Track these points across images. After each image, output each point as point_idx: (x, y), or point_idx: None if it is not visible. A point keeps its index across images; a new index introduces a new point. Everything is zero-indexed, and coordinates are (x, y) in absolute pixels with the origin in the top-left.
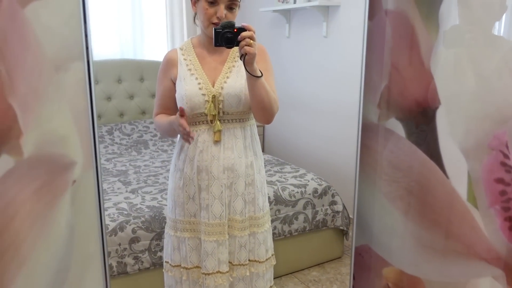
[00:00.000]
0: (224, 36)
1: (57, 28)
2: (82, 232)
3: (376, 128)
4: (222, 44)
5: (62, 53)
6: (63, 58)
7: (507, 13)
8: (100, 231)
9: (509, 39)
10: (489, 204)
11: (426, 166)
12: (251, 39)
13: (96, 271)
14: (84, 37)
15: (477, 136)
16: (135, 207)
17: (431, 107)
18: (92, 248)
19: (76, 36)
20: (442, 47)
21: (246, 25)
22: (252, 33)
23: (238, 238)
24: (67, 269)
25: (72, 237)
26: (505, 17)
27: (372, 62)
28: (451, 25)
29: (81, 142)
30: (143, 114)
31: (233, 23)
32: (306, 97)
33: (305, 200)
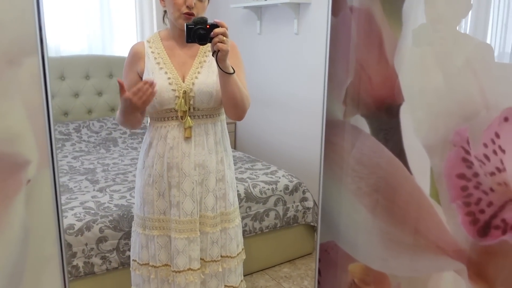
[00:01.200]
0: (197, 32)
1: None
2: (37, 234)
3: (341, 125)
4: (195, 41)
5: (15, 47)
6: (15, 52)
7: (472, 10)
8: (57, 232)
9: (475, 36)
10: (451, 200)
11: (391, 162)
12: (224, 36)
13: (53, 274)
14: (38, 31)
15: (440, 133)
16: (102, 206)
17: (395, 104)
18: (49, 250)
19: (29, 30)
20: (408, 44)
21: (219, 21)
22: (225, 30)
23: (210, 235)
24: (22, 272)
25: (27, 239)
26: (471, 14)
27: (337, 59)
28: (419, 24)
29: (36, 140)
30: (112, 111)
31: (205, 19)
32: (278, 94)
33: (276, 197)
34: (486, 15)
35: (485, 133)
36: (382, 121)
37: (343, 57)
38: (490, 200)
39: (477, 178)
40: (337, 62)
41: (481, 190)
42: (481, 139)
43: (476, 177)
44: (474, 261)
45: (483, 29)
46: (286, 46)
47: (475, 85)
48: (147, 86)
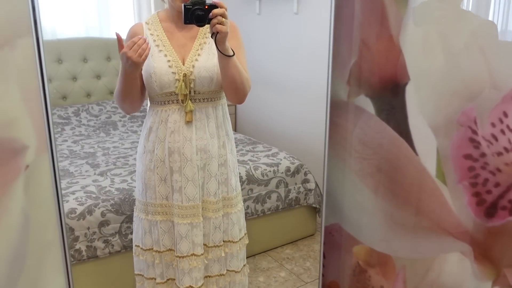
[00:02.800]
0: (195, 13)
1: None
2: (38, 220)
3: (345, 106)
4: (192, 22)
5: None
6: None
7: None
8: (58, 217)
9: (478, 13)
10: (457, 181)
11: (396, 143)
12: (223, 17)
13: (55, 259)
14: (32, 11)
15: (446, 113)
16: (104, 189)
17: (401, 83)
18: (50, 235)
19: (23, 10)
20: (413, 24)
21: (217, 1)
22: (224, 11)
23: (212, 220)
24: (23, 258)
25: (27, 225)
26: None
27: (341, 38)
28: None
29: (34, 124)
30: (111, 94)
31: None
32: (278, 75)
33: (277, 179)
34: None
35: (493, 112)
36: (387, 101)
37: (347, 36)
38: (497, 180)
39: (484, 158)
40: (341, 41)
41: (488, 170)
42: (488, 119)
43: (483, 157)
44: (480, 242)
45: (485, 7)
46: (286, 26)
47: (480, 63)
48: (142, 40)
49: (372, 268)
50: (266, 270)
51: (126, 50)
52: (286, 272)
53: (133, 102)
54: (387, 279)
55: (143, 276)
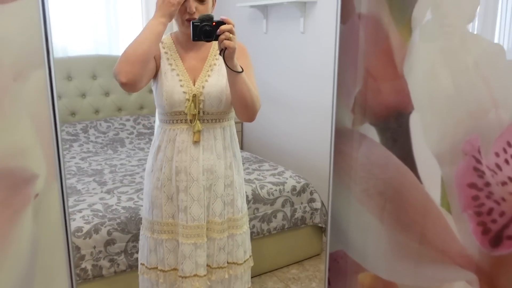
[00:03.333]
0: (203, 29)
1: (15, 36)
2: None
3: (350, 134)
4: (201, 38)
5: (21, 61)
6: (22, 66)
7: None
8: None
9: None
10: (462, 209)
11: (400, 171)
12: (231, 33)
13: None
14: (45, 43)
15: (450, 141)
16: (110, 208)
17: (405, 112)
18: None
19: (36, 43)
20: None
21: (225, 18)
22: (232, 27)
23: (217, 241)
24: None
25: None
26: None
27: (346, 66)
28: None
29: (44, 153)
30: (119, 111)
31: (211, 16)
32: (284, 94)
33: (283, 198)
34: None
35: (497, 142)
36: (392, 129)
37: (352, 64)
38: (502, 210)
39: (488, 187)
40: (346, 69)
41: (493, 199)
42: (493, 148)
43: (487, 186)
44: (486, 271)
45: (491, 24)
46: (292, 45)
47: (485, 89)
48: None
49: None
50: None
51: None
52: None
53: (143, 58)
54: None
55: None
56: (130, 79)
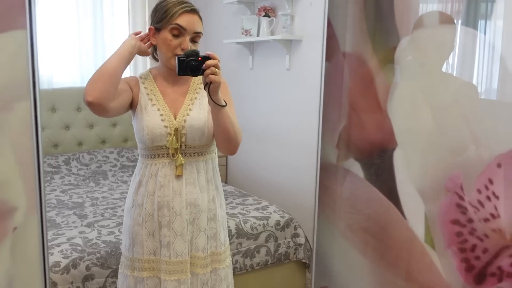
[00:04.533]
0: (189, 64)
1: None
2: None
3: (335, 169)
4: (187, 73)
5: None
6: (6, 98)
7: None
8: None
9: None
10: (446, 246)
11: (384, 206)
12: (216, 68)
13: None
14: (32, 76)
15: (433, 178)
16: (90, 242)
17: (388, 148)
18: None
19: (22, 75)
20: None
21: (210, 53)
22: (217, 62)
23: (200, 276)
24: None
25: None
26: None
27: (331, 103)
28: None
29: (25, 186)
30: (103, 143)
31: (197, 51)
32: (270, 129)
33: (267, 233)
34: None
35: (479, 179)
36: (375, 165)
37: (336, 101)
38: (485, 246)
39: (471, 224)
40: (330, 106)
41: (476, 236)
42: (475, 185)
43: (470, 223)
44: None
45: (470, 65)
46: (278, 82)
47: (464, 127)
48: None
49: None
50: None
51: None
52: None
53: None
54: None
55: None
56: (96, 97)
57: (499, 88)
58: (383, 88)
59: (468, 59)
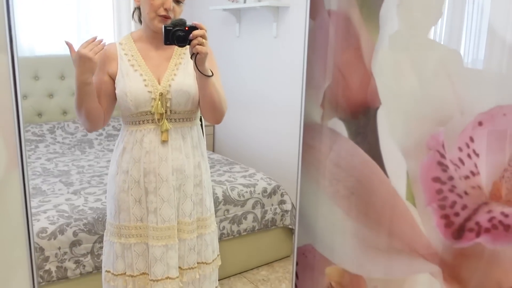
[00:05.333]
0: (175, 34)
1: None
2: (6, 237)
3: (319, 128)
4: (173, 43)
5: None
6: None
7: (446, 18)
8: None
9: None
10: (426, 203)
11: (368, 165)
12: (203, 38)
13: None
14: (8, 29)
15: (416, 137)
16: (77, 209)
17: (372, 107)
18: (18, 254)
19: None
20: (384, 49)
21: (197, 23)
22: (204, 32)
23: (187, 241)
24: None
25: None
26: (445, 21)
27: (315, 62)
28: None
29: (5, 140)
30: None
31: (184, 21)
32: (257, 96)
33: (254, 200)
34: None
35: (460, 137)
36: (360, 124)
37: (321, 60)
38: (464, 203)
39: (452, 181)
40: (315, 65)
41: (456, 193)
42: (456, 143)
43: (451, 180)
44: (449, 263)
45: (457, 35)
46: (265, 49)
47: (448, 89)
48: (94, 39)
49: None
50: None
51: (80, 48)
52: None
53: (90, 115)
54: None
55: None
56: (91, 130)
57: (485, 58)
58: (368, 47)
59: (456, 28)
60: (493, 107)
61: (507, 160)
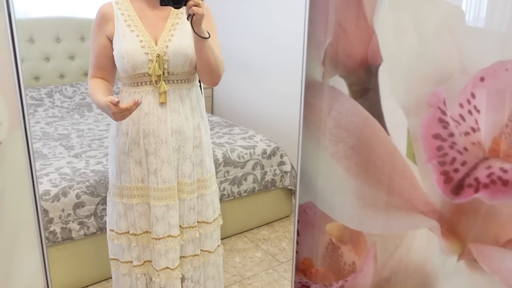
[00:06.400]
0: None
1: None
2: (12, 197)
3: (320, 86)
4: (169, 4)
5: None
6: None
7: None
8: (33, 196)
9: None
10: (426, 160)
11: (369, 124)
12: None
13: (30, 238)
14: None
15: (417, 94)
16: (78, 171)
17: (374, 65)
18: (25, 214)
19: None
20: (386, 7)
21: None
22: None
23: (187, 201)
24: None
25: (1, 202)
26: None
27: (316, 19)
28: None
29: (6, 101)
30: (86, 76)
31: None
32: (254, 58)
33: (254, 161)
34: None
35: (461, 93)
36: (361, 82)
37: (322, 17)
38: (464, 159)
39: (452, 138)
40: (316, 22)
41: (456, 149)
42: (457, 100)
43: (451, 137)
44: (447, 218)
45: None
46: (262, 9)
47: (450, 46)
48: (135, 107)
49: (344, 245)
50: (242, 250)
51: (116, 110)
52: (262, 252)
53: None
54: (359, 255)
55: (118, 260)
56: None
57: (487, 15)
58: (370, 4)
59: None
60: (495, 62)
61: (508, 116)
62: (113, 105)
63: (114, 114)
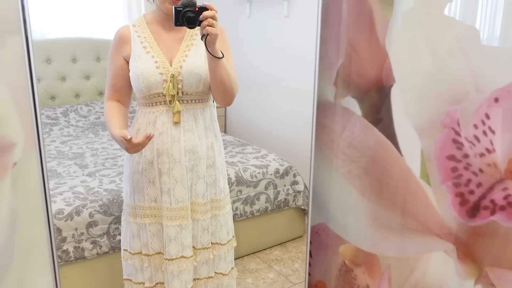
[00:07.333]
0: (185, 15)
1: None
2: (25, 218)
3: (332, 107)
4: (183, 24)
5: None
6: None
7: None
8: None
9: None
10: (441, 181)
11: (382, 144)
12: (213, 19)
13: (43, 257)
14: (21, 10)
15: (430, 115)
16: (92, 190)
17: (386, 85)
18: (38, 233)
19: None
20: (398, 27)
21: (208, 4)
22: (215, 13)
23: (200, 222)
24: (10, 256)
25: (15, 222)
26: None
27: (328, 40)
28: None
29: (22, 122)
30: (101, 95)
31: (194, 1)
32: (268, 77)
33: (266, 181)
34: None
35: (475, 114)
36: (373, 102)
37: (334, 38)
38: (479, 181)
39: (467, 159)
40: (328, 43)
41: (471, 171)
42: (471, 120)
43: (466, 158)
44: (463, 241)
45: (473, 12)
46: (276, 29)
47: (464, 66)
48: (148, 141)
49: (358, 267)
50: (255, 271)
51: (129, 146)
52: (275, 273)
53: None
54: (373, 278)
55: (132, 281)
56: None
57: (501, 35)
58: (382, 24)
59: (471, 4)
60: (510, 82)
61: None
62: (126, 140)
63: (128, 149)
